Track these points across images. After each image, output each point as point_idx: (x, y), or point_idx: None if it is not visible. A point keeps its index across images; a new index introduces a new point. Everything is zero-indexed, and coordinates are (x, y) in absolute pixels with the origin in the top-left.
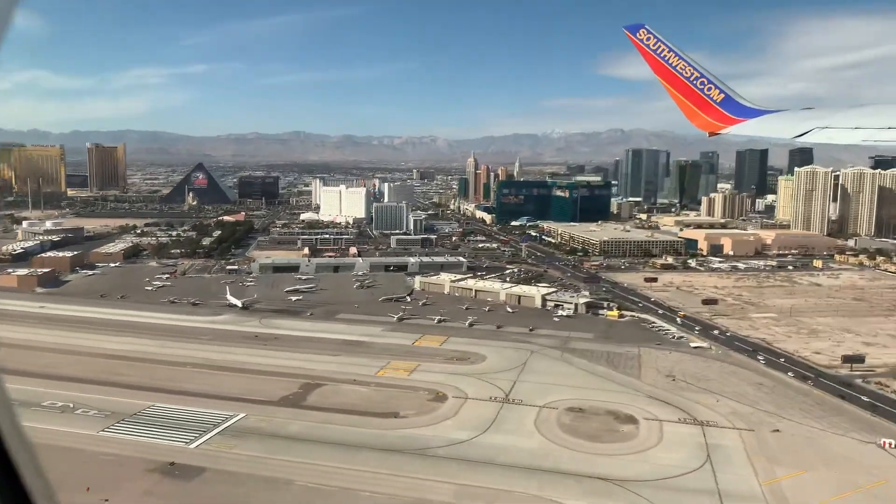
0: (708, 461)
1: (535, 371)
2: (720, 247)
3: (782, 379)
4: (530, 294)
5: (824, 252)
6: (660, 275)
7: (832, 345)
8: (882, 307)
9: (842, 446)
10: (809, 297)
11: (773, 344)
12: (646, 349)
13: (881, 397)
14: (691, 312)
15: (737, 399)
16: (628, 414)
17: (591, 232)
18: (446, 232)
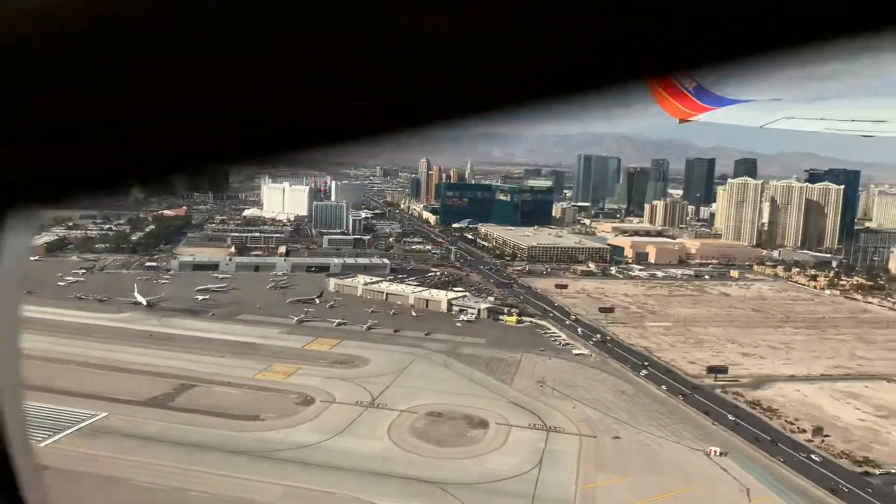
0: (538, 466)
1: (413, 375)
2: (645, 255)
3: (646, 387)
4: (437, 298)
5: (746, 262)
6: (576, 281)
7: (711, 355)
8: (776, 318)
9: (672, 453)
10: (712, 306)
11: (653, 352)
12: (529, 355)
13: (731, 407)
14: (590, 320)
15: (594, 406)
16: (483, 419)
17: (524, 237)
18: (386, 232)
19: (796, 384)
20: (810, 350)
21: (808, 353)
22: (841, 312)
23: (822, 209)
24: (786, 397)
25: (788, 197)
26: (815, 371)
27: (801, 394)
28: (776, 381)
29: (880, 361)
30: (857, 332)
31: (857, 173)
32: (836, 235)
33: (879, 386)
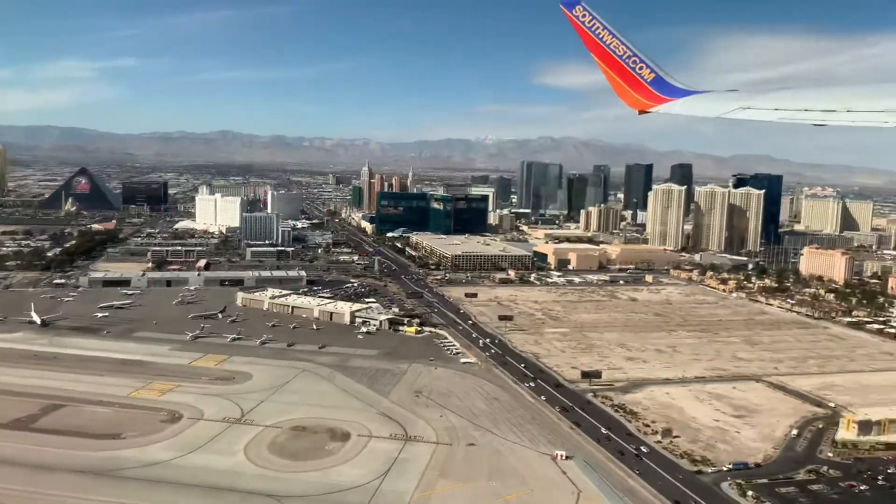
0: (384, 476)
1: (292, 390)
2: (567, 261)
3: (520, 394)
4: (341, 311)
5: (664, 267)
6: (493, 289)
7: (595, 359)
8: (674, 322)
9: (520, 458)
10: (616, 311)
11: (540, 358)
12: (417, 365)
13: (596, 411)
14: (492, 328)
15: (462, 414)
16: (346, 431)
17: (451, 245)
18: (317, 243)
19: (668, 387)
20: (695, 353)
21: (690, 357)
22: (740, 315)
23: (744, 213)
24: (653, 400)
25: (712, 202)
26: (691, 374)
27: (669, 396)
28: (650, 384)
29: (758, 362)
30: (747, 333)
31: (780, 178)
32: (758, 238)
33: (747, 386)
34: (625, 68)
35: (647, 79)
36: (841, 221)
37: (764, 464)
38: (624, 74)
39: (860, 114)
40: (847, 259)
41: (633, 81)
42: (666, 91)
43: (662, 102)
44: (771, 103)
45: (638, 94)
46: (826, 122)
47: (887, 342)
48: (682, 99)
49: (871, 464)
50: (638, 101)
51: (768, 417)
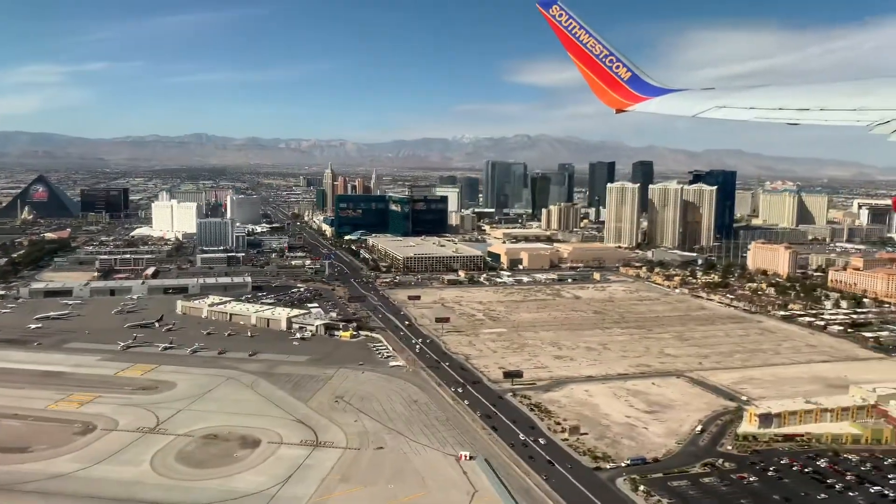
0: (284, 482)
1: (213, 399)
2: (519, 260)
3: (440, 396)
4: (277, 317)
5: (615, 264)
6: (440, 291)
7: (525, 359)
8: (611, 319)
9: (425, 460)
10: (557, 310)
11: (470, 359)
12: (344, 370)
13: (512, 410)
14: (430, 330)
15: (378, 417)
16: (257, 438)
17: (406, 247)
18: (272, 247)
19: (589, 384)
20: (624, 350)
21: (619, 354)
22: (678, 311)
23: (697, 209)
24: (571, 398)
25: (665, 199)
26: (616, 371)
27: (588, 394)
28: (572, 382)
29: (684, 358)
30: (680, 329)
31: (734, 174)
32: (711, 234)
33: (667, 382)
34: (602, 67)
35: (623, 78)
36: (797, 215)
37: (663, 458)
38: (601, 73)
39: (833, 112)
40: (790, 253)
41: (609, 80)
42: (642, 90)
43: (639, 101)
44: (746, 102)
45: (615, 92)
46: (800, 121)
47: (815, 335)
48: (658, 98)
49: (767, 455)
50: (615, 99)
51: (680, 412)
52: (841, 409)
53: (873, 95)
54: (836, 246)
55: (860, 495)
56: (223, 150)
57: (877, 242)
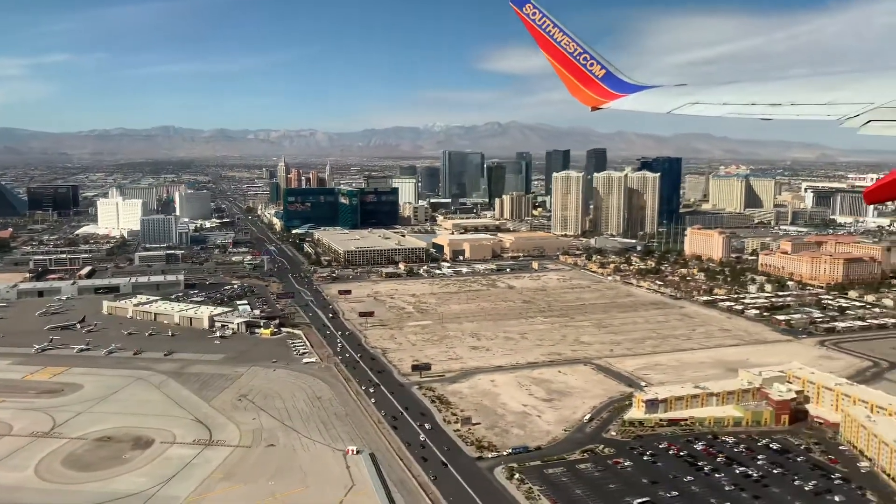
0: (166, 482)
1: (116, 400)
2: (462, 251)
3: (344, 391)
4: (200, 316)
5: (555, 253)
6: (377, 284)
7: (442, 351)
8: (536, 309)
9: (312, 457)
10: (487, 301)
11: (387, 353)
12: (256, 368)
13: (412, 403)
14: (356, 325)
15: (277, 415)
16: (150, 439)
17: (350, 240)
18: (217, 243)
19: (498, 374)
20: (541, 339)
21: (535, 343)
22: (605, 298)
23: (641, 196)
24: (475, 388)
25: (609, 187)
26: (527, 360)
27: (493, 384)
28: (481, 372)
29: (597, 345)
30: (601, 317)
31: (680, 160)
32: (655, 220)
33: (574, 370)
34: (576, 65)
35: (597, 75)
36: (745, 199)
37: (547, 446)
38: (575, 71)
39: (804, 107)
40: (723, 238)
41: (584, 78)
42: (617, 87)
43: (614, 98)
44: (719, 98)
45: (590, 90)
46: (773, 116)
47: (732, 319)
48: (632, 95)
49: (648, 440)
50: (590, 97)
51: (576, 400)
52: (727, 392)
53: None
54: (780, 229)
55: (725, 476)
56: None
57: (819, 224)
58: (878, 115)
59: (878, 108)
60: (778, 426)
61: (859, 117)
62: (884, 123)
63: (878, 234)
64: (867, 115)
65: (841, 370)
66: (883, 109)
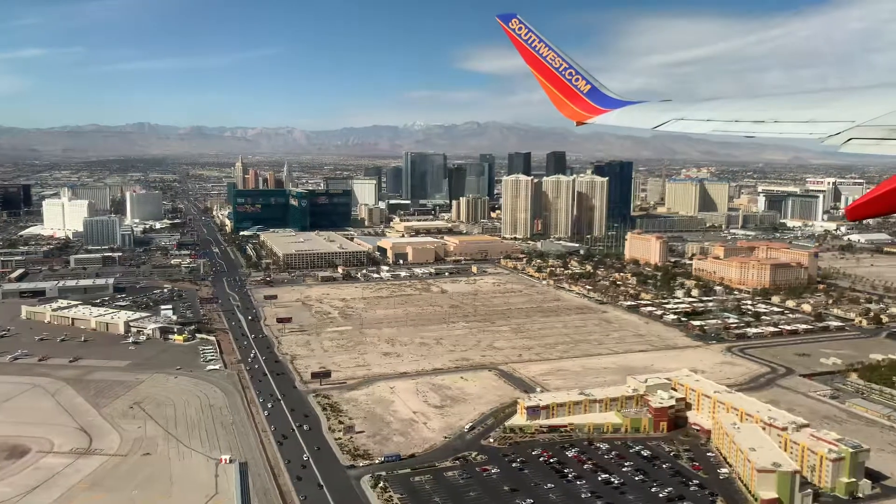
0: (30, 491)
1: (6, 409)
2: (405, 254)
3: (237, 400)
4: (116, 321)
5: (499, 256)
6: (311, 288)
7: (353, 357)
8: (461, 314)
9: (185, 466)
10: (415, 305)
11: (296, 360)
12: (159, 375)
13: (304, 410)
14: (273, 331)
15: (163, 423)
16: (27, 448)
17: (294, 243)
18: (161, 245)
19: (400, 381)
20: (455, 344)
21: (448, 348)
22: (532, 303)
23: (590, 200)
24: (371, 395)
25: (558, 190)
26: (434, 366)
27: (392, 391)
28: (384, 379)
29: (508, 350)
30: (522, 321)
31: (631, 164)
32: (604, 224)
33: (477, 376)
34: (561, 80)
35: (583, 90)
36: (699, 203)
37: (423, 454)
38: (561, 86)
39: (786, 125)
40: (661, 243)
41: (569, 93)
42: (602, 102)
43: (599, 113)
44: (703, 114)
45: (575, 105)
46: (756, 134)
47: (650, 324)
48: (617, 110)
49: (524, 447)
50: (575, 112)
51: (468, 406)
52: (610, 399)
53: (824, 108)
54: (730, 233)
55: (587, 483)
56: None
57: (768, 228)
58: (859, 134)
59: (859, 126)
60: (656, 433)
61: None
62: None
63: (821, 238)
64: (848, 133)
65: (738, 376)
66: (863, 128)
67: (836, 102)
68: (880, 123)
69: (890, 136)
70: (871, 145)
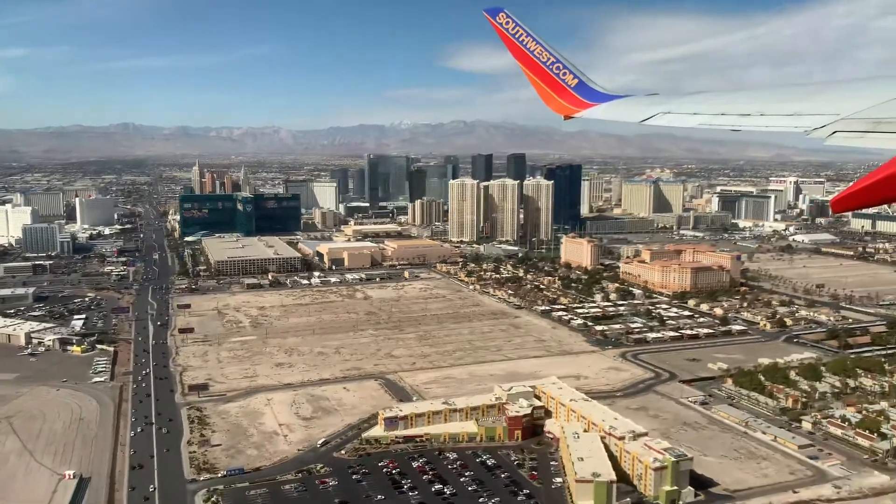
0: None
1: None
2: (342, 260)
3: (109, 414)
4: (17, 333)
5: (435, 261)
6: (235, 295)
7: (244, 368)
8: (374, 321)
9: (26, 481)
10: (332, 313)
11: (186, 371)
12: (42, 388)
13: (171, 424)
14: (176, 341)
15: (25, 437)
16: None
17: (229, 249)
18: (103, 252)
19: (281, 392)
20: (353, 353)
21: (344, 358)
22: (451, 308)
23: (536, 203)
24: (244, 408)
25: (503, 194)
26: (322, 376)
27: (268, 403)
28: (266, 391)
29: (404, 358)
30: (432, 328)
31: (580, 167)
32: (549, 227)
33: (360, 386)
34: (549, 74)
35: (570, 84)
36: (653, 204)
37: (269, 467)
38: (548, 80)
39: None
40: (591, 246)
41: (557, 87)
42: (589, 96)
43: (586, 107)
44: (690, 108)
45: (562, 99)
46: (742, 128)
47: (557, 329)
48: (604, 104)
49: (374, 458)
50: (562, 106)
51: (336, 418)
52: (471, 408)
53: (809, 101)
54: (680, 234)
55: (419, 494)
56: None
57: (718, 229)
58: (843, 127)
59: (843, 119)
60: (511, 441)
61: (825, 128)
62: (847, 134)
63: (766, 239)
64: (832, 126)
65: (619, 382)
66: (847, 121)
67: (821, 96)
68: (864, 116)
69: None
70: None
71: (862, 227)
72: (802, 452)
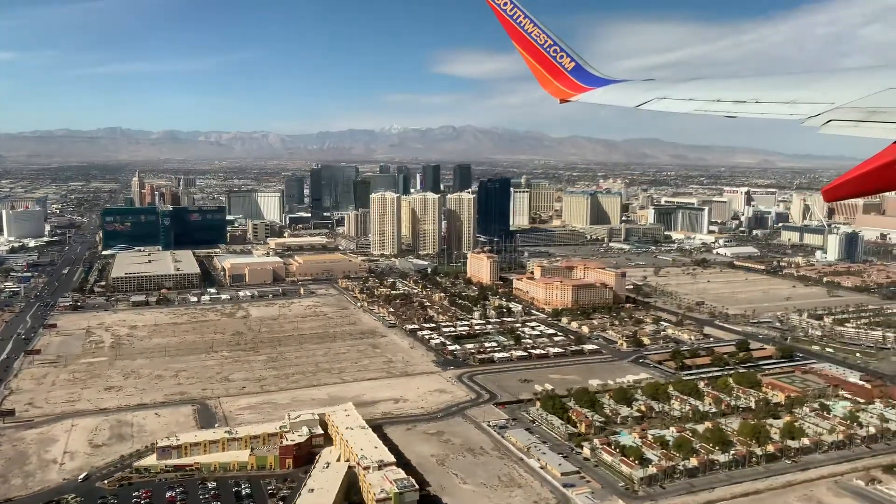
0: None
1: None
2: (243, 276)
3: None
4: None
5: (342, 276)
6: (116, 314)
7: (67, 392)
8: (234, 342)
9: None
10: (202, 332)
11: (10, 396)
12: None
13: None
14: (24, 362)
15: None
16: None
17: (137, 263)
18: (9, 266)
19: (89, 418)
20: (191, 376)
21: (178, 381)
22: (324, 328)
23: (459, 217)
24: (43, 434)
25: (425, 208)
26: (140, 401)
27: (70, 429)
28: (76, 416)
29: (240, 382)
30: (289, 349)
31: (509, 180)
32: (472, 241)
33: (174, 412)
34: (546, 57)
35: (567, 68)
36: (591, 216)
37: (20, 498)
38: (546, 63)
39: (767, 105)
40: (491, 262)
41: (553, 70)
42: (585, 80)
43: (582, 91)
44: (685, 94)
45: (559, 82)
46: (737, 114)
47: (414, 349)
48: (601, 88)
49: (133, 488)
50: (559, 89)
51: (126, 445)
52: (251, 437)
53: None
54: (609, 246)
55: None
56: (136, 145)
57: (649, 241)
58: (838, 115)
59: (839, 108)
60: (283, 470)
61: (820, 117)
62: (842, 123)
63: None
64: (827, 114)
65: (437, 405)
66: (843, 110)
67: (817, 84)
68: (859, 106)
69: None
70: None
71: (789, 240)
72: (562, 480)
